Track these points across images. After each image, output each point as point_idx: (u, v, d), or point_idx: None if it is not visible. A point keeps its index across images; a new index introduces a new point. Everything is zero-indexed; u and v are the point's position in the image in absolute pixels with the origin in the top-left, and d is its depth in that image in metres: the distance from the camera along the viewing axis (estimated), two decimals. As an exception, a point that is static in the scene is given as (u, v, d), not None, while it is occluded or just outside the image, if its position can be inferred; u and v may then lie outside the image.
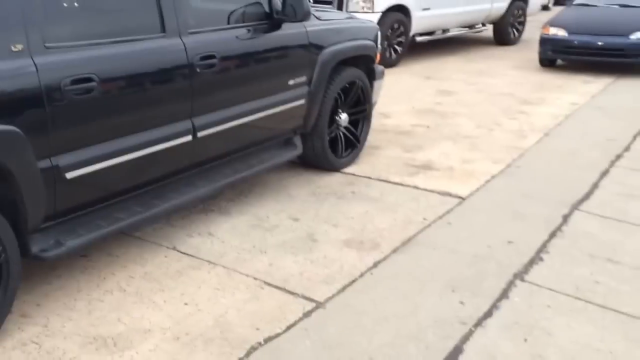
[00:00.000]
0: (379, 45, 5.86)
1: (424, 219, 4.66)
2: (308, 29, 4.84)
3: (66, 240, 3.38)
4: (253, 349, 3.16)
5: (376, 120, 6.77)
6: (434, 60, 11.25)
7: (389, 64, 10.12)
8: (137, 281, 3.72)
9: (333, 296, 3.63)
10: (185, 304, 3.51)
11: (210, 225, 4.44)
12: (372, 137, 6.24)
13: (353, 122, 5.68)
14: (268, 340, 3.23)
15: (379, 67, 5.90)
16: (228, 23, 4.31)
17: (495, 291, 3.67)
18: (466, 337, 3.25)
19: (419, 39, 11.10)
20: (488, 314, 3.45)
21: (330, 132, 5.38)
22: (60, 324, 3.31)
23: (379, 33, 5.88)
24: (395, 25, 10.30)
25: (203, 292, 3.63)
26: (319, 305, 3.54)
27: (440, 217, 4.69)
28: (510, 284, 3.75)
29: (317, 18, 5.08)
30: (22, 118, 3.02)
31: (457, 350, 3.17)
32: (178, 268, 3.87)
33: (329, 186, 5.22)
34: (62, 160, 3.25)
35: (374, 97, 5.95)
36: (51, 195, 3.24)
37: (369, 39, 5.61)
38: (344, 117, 5.51)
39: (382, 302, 3.56)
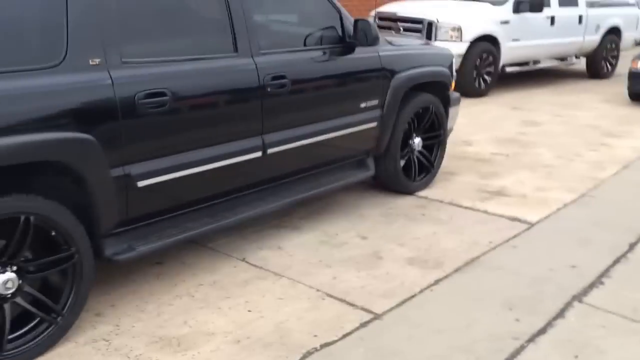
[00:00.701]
0: (454, 73, 5.92)
1: (490, 242, 4.68)
2: (381, 53, 4.98)
3: (138, 245, 3.61)
4: (309, 353, 3.28)
5: (457, 147, 6.88)
6: (523, 91, 11.14)
7: (477, 93, 10.16)
8: (205, 288, 3.92)
9: (391, 309, 3.71)
10: (249, 310, 3.67)
11: (281, 239, 4.61)
12: (450, 164, 6.34)
13: (428, 147, 5.74)
14: (324, 346, 3.34)
15: (454, 94, 5.95)
16: (300, 45, 4.49)
17: (552, 311, 3.67)
18: (517, 352, 3.27)
19: (508, 69, 11.02)
20: (542, 331, 3.46)
21: (403, 155, 5.46)
22: (130, 324, 3.53)
23: (454, 60, 5.94)
24: (484, 55, 10.28)
25: (267, 300, 3.78)
26: (376, 316, 3.63)
27: (507, 241, 4.70)
28: (568, 305, 3.75)
29: (390, 43, 5.21)
30: (97, 128, 3.26)
31: (508, 364, 3.17)
32: (245, 278, 4.04)
33: (401, 208, 5.31)
34: (134, 169, 3.47)
35: (450, 124, 6.00)
36: (123, 202, 3.47)
37: (443, 66, 5.69)
38: (417, 142, 5.59)
39: (438, 317, 3.62)
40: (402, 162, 5.48)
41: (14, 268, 3.12)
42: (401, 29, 10.48)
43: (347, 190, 5.47)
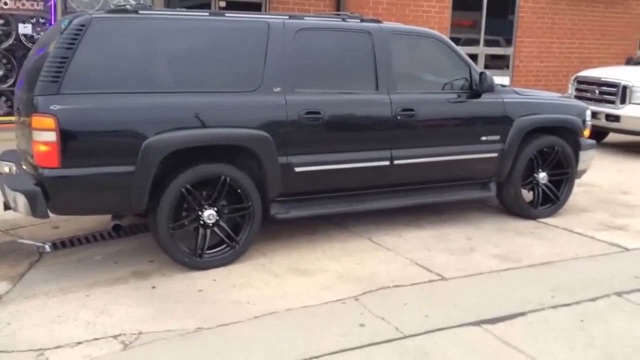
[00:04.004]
0: (588, 122, 7.05)
1: (576, 254, 5.76)
2: (505, 100, 6.39)
3: (291, 211, 5.48)
4: (383, 288, 4.85)
5: (611, 195, 7.94)
6: None
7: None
8: (335, 250, 5.65)
9: (458, 277, 5.13)
10: (357, 264, 5.34)
11: (404, 231, 6.20)
12: (592, 204, 7.43)
13: (555, 182, 6.91)
14: (396, 286, 4.89)
15: (586, 141, 7.02)
16: (432, 89, 6.18)
17: (586, 296, 4.84)
18: (535, 310, 4.54)
19: None
20: (566, 304, 4.66)
21: (525, 184, 6.74)
22: (280, 261, 5.38)
23: (588, 112, 7.08)
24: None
25: (372, 261, 5.41)
26: (443, 279, 5.08)
27: (592, 256, 5.71)
28: (604, 296, 4.87)
29: (517, 93, 6.62)
30: (273, 130, 5.20)
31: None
32: (365, 248, 5.72)
33: (516, 227, 6.53)
34: (294, 159, 5.34)
35: (582, 166, 7.04)
36: (285, 181, 5.33)
37: (571, 115, 6.86)
38: (542, 176, 6.78)
39: (492, 285, 4.99)
40: (528, 191, 6.75)
41: (215, 209, 5.15)
42: (597, 92, 11.37)
43: (477, 210, 6.90)
